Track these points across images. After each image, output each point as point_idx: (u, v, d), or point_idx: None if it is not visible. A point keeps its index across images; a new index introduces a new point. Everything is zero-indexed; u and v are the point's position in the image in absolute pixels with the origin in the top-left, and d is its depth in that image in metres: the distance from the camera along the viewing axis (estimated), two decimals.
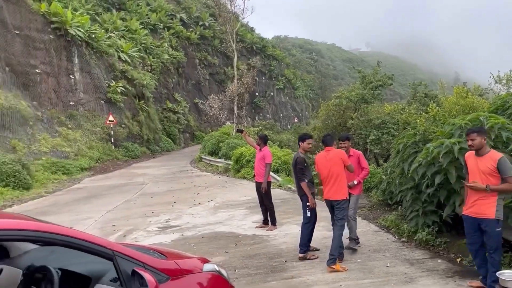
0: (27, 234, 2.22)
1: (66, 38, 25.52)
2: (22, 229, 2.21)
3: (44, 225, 2.32)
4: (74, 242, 2.35)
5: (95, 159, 23.35)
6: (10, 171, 15.09)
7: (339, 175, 5.92)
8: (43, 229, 2.27)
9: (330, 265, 5.68)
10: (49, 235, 2.26)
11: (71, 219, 10.24)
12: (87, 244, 2.39)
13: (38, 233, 2.24)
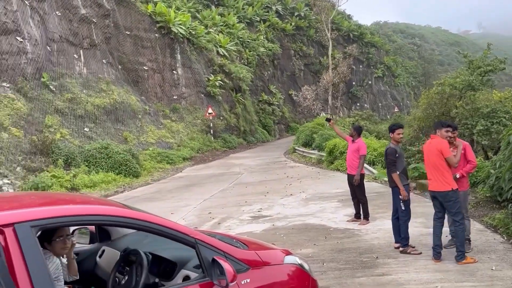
0: (120, 220, 2.42)
1: (170, 36, 27.28)
2: (116, 216, 2.41)
3: (136, 212, 2.51)
4: (160, 229, 2.50)
5: (195, 149, 24.71)
6: (122, 160, 16.65)
7: (438, 165, 5.55)
8: (134, 216, 2.45)
9: (460, 261, 5.47)
10: (139, 222, 2.44)
11: (172, 205, 11.00)
12: (172, 231, 2.54)
13: (130, 220, 2.43)
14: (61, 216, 2.17)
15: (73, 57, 20.43)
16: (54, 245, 2.71)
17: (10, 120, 15.23)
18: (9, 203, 2.46)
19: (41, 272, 1.94)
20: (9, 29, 16.94)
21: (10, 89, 16.46)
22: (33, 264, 1.92)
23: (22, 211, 2.11)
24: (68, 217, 2.20)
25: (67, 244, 2.77)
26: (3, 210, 2.17)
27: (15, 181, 13.45)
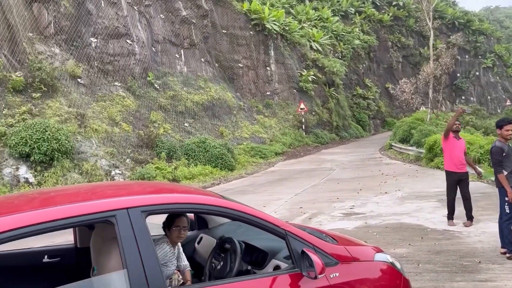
0: (217, 209, 2.61)
1: (264, 33, 27.82)
2: (214, 205, 2.60)
3: (231, 203, 2.68)
4: (253, 219, 2.64)
5: (287, 144, 24.96)
6: (218, 154, 17.46)
7: None
8: (230, 207, 2.62)
9: None
10: (234, 212, 2.60)
11: (265, 198, 11.30)
12: (263, 222, 2.66)
13: (226, 210, 2.60)
14: (166, 203, 2.42)
15: (175, 56, 21.85)
16: (172, 232, 3.04)
17: (121, 116, 16.82)
18: (122, 190, 2.79)
19: (150, 251, 2.18)
20: (121, 33, 18.65)
21: (121, 87, 18.16)
22: (143, 244, 2.17)
23: (134, 197, 2.39)
24: (172, 204, 2.45)
25: (182, 234, 3.07)
26: (117, 196, 2.47)
27: (125, 172, 14.84)
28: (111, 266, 2.35)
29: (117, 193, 2.53)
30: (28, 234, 1.94)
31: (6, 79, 13.79)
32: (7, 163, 12.13)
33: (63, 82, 15.68)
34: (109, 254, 2.40)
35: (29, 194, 2.79)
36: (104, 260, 2.48)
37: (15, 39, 14.70)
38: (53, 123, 13.14)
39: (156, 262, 2.19)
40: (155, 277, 2.14)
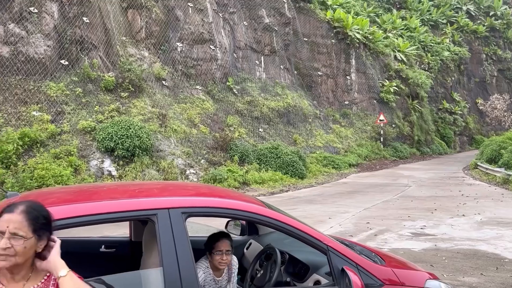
0: (257, 217, 2.63)
1: (346, 42, 27.36)
2: (254, 213, 2.63)
3: (273, 212, 2.68)
4: (293, 231, 2.63)
5: (363, 156, 24.24)
6: (290, 161, 17.47)
7: None
8: (270, 216, 2.63)
9: None
10: (274, 221, 2.61)
11: (332, 210, 11.09)
12: (305, 235, 2.63)
13: (266, 218, 2.61)
14: (205, 207, 2.49)
15: (255, 63, 22.29)
16: (213, 257, 2.88)
17: (199, 118, 17.53)
18: (166, 191, 2.92)
19: (186, 253, 2.26)
20: (205, 39, 19.47)
21: (202, 91, 18.93)
22: (180, 245, 2.25)
23: (176, 198, 2.50)
24: (212, 208, 2.52)
25: (224, 259, 2.88)
26: (160, 196, 2.60)
27: (199, 172, 15.43)
28: (151, 263, 2.47)
29: (161, 193, 2.66)
30: (74, 225, 2.11)
31: (100, 78, 15.04)
32: (94, 156, 13.20)
33: (149, 83, 16.74)
34: (151, 251, 2.52)
35: (83, 187, 3.03)
36: (147, 256, 2.62)
37: (110, 42, 15.99)
38: (136, 122, 14.06)
39: (191, 264, 2.26)
40: (190, 278, 2.21)
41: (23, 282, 1.72)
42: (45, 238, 1.73)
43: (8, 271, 1.68)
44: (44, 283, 1.75)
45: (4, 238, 1.61)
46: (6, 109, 12.62)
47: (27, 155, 11.92)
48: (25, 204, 1.72)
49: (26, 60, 13.38)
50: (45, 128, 12.67)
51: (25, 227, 1.64)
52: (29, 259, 1.70)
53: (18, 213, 1.66)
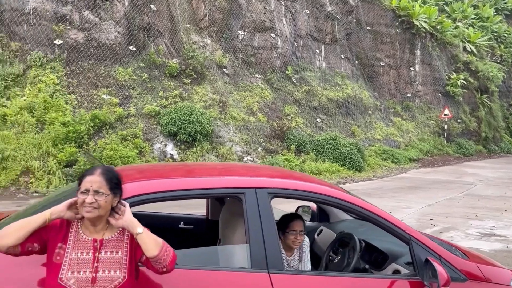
0: (342, 203, 2.62)
1: (411, 31, 26.25)
2: (339, 198, 2.61)
3: (357, 199, 2.66)
4: (377, 219, 2.59)
5: (424, 151, 23.30)
6: (347, 153, 17.17)
7: None
8: (355, 203, 2.61)
9: None
10: (359, 208, 2.59)
11: (392, 204, 10.79)
12: (388, 223, 2.58)
13: (351, 205, 2.60)
14: (291, 189, 2.51)
15: (315, 52, 22.00)
16: (287, 237, 2.98)
17: (257, 107, 17.64)
18: (252, 171, 2.97)
19: (272, 231, 2.30)
20: (266, 27, 19.47)
21: (261, 79, 19.00)
22: (266, 223, 2.30)
23: (263, 179, 2.54)
24: (297, 191, 2.53)
25: (298, 239, 3.00)
26: (247, 175, 2.65)
27: (256, 159, 15.58)
28: (236, 239, 2.53)
29: (248, 173, 2.71)
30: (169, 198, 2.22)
31: (165, 64, 15.53)
32: (158, 139, 13.72)
33: (210, 70, 17.06)
34: (234, 228, 2.59)
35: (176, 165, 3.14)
36: (230, 233, 2.69)
37: (175, 30, 16.44)
38: (198, 108, 14.41)
39: (276, 242, 2.30)
40: (274, 255, 2.25)
41: (103, 232, 2.07)
42: (118, 196, 2.08)
43: (91, 223, 2.04)
44: (120, 233, 2.09)
45: (90, 195, 1.97)
46: (80, 92, 13.39)
47: (97, 136, 12.61)
48: (101, 168, 2.10)
49: (98, 46, 14.08)
50: (114, 111, 13.31)
51: (104, 186, 2.01)
52: (107, 212, 2.05)
53: (98, 175, 2.03)
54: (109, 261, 1.99)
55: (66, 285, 1.92)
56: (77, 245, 2.01)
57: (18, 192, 10.23)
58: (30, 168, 10.85)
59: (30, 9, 13.30)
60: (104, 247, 2.02)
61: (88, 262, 1.97)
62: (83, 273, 1.94)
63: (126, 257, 2.02)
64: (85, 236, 2.03)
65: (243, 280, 2.28)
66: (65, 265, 1.96)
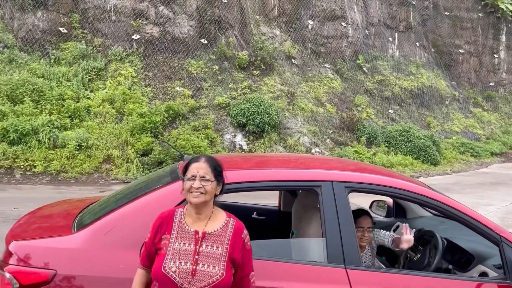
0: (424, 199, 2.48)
1: (496, 15, 24.28)
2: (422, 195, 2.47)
3: (442, 196, 2.51)
4: (463, 217, 2.42)
5: (508, 145, 21.56)
6: (422, 146, 16.37)
7: None
8: (440, 199, 2.46)
9: None
10: (444, 206, 2.43)
11: (471, 201, 10.12)
12: (475, 222, 2.41)
13: (434, 202, 2.45)
14: (369, 183, 2.42)
15: (388, 40, 21.12)
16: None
17: (326, 97, 17.35)
18: (327, 164, 2.91)
19: (349, 226, 2.24)
20: (336, 16, 19.02)
21: (330, 69, 18.64)
22: (343, 218, 2.24)
23: (339, 172, 2.48)
24: (375, 185, 2.44)
25: (366, 236, 2.92)
26: (323, 168, 2.59)
27: (324, 151, 15.37)
28: (310, 233, 2.50)
29: (323, 166, 2.66)
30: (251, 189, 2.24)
31: (235, 57, 15.75)
32: (228, 130, 14.00)
33: (279, 61, 17.03)
34: (309, 222, 2.56)
35: (250, 156, 3.17)
36: (304, 226, 2.66)
37: (244, 22, 16.59)
38: (266, 99, 14.48)
39: (354, 237, 2.23)
40: (352, 251, 2.19)
41: (206, 221, 2.09)
42: (221, 184, 2.12)
43: (195, 210, 2.08)
44: (223, 229, 2.08)
45: (197, 180, 2.03)
46: (155, 84, 14.02)
47: (171, 126, 13.14)
48: (206, 156, 2.17)
49: (172, 40, 14.61)
50: (186, 103, 13.77)
51: (209, 172, 2.06)
52: (211, 199, 2.09)
53: (203, 162, 2.10)
54: (209, 255, 2.00)
55: (168, 274, 1.96)
56: (180, 235, 2.05)
57: (101, 179, 10.98)
58: (111, 156, 11.58)
59: (111, 7, 14.11)
60: (205, 240, 2.03)
61: (189, 254, 2.00)
62: (184, 264, 1.97)
63: (225, 254, 2.01)
64: (188, 227, 2.06)
65: (319, 274, 2.25)
66: (169, 255, 2.00)
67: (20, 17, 13.62)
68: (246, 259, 2.08)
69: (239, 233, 2.08)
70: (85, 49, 13.62)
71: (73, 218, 2.62)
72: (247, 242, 2.10)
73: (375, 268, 2.67)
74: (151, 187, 2.57)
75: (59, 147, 11.09)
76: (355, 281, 2.19)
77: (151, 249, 2.07)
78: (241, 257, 2.04)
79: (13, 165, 10.54)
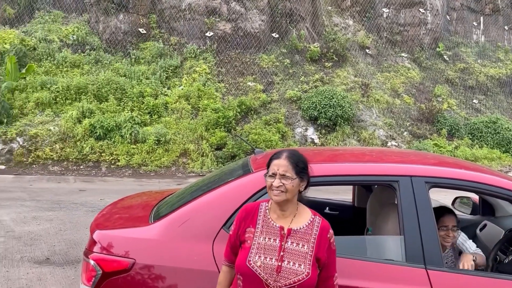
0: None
1: None
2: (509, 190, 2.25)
3: None
4: None
5: None
6: (511, 138, 15.05)
7: None
8: None
9: None
10: None
11: None
12: None
13: None
14: (452, 178, 2.24)
15: (472, 25, 19.62)
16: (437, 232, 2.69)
17: (403, 88, 16.55)
18: (405, 158, 2.74)
19: (430, 224, 2.09)
20: (414, 2, 18.03)
21: (407, 58, 17.74)
22: (423, 215, 2.09)
23: (419, 166, 2.32)
24: (459, 181, 2.25)
25: (450, 235, 2.73)
26: (400, 162, 2.44)
27: (401, 144, 14.71)
28: (387, 230, 2.38)
29: (401, 160, 2.51)
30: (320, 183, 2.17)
31: (306, 49, 15.59)
32: (299, 124, 13.91)
33: (352, 52, 16.55)
34: (386, 219, 2.43)
35: (322, 149, 3.09)
36: (381, 223, 2.53)
37: (316, 13, 16.33)
38: (339, 91, 14.15)
39: (435, 236, 2.08)
40: (433, 250, 2.05)
41: (291, 218, 2.03)
42: (305, 180, 2.03)
43: (279, 207, 2.02)
44: (308, 227, 2.01)
45: (277, 178, 1.97)
46: (228, 80, 14.31)
47: (243, 121, 13.35)
48: (288, 151, 2.06)
49: (244, 35, 14.80)
50: (258, 97, 13.90)
51: (290, 170, 1.98)
52: (294, 197, 2.02)
53: (284, 159, 2.01)
54: (295, 253, 1.94)
55: (253, 268, 1.93)
56: (265, 229, 2.00)
57: (178, 172, 11.46)
58: (187, 150, 12.05)
59: (185, 5, 14.62)
60: (291, 237, 1.97)
61: (274, 250, 1.95)
62: (269, 260, 1.93)
63: (311, 253, 1.95)
64: (273, 221, 2.01)
65: (396, 273, 2.13)
66: (253, 249, 1.97)
67: (104, 20, 14.59)
68: (331, 259, 2.00)
69: (325, 233, 2.00)
70: (162, 48, 14.26)
71: (151, 209, 2.73)
72: (332, 242, 2.01)
73: (460, 270, 2.47)
74: (223, 180, 2.59)
75: (140, 142, 11.75)
76: (437, 282, 2.04)
77: (235, 242, 2.05)
78: (327, 258, 1.97)
79: (99, 159, 11.37)
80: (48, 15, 14.69)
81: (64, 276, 4.72)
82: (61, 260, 5.17)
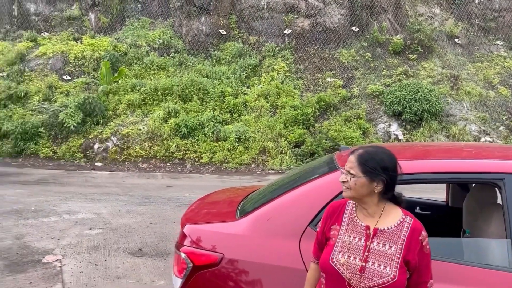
0: None
1: None
2: None
3: None
4: None
5: None
6: None
7: None
8: None
9: None
10: None
11: None
12: None
13: None
14: None
15: None
16: None
17: (499, 79, 15.20)
18: (508, 153, 2.49)
19: None
20: None
21: (503, 46, 16.27)
22: None
23: None
24: None
25: None
26: (504, 158, 2.22)
27: (496, 140, 13.53)
28: (490, 233, 2.18)
29: (504, 156, 2.28)
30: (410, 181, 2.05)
31: (388, 42, 14.95)
32: (382, 120, 13.39)
33: (439, 43, 15.55)
34: (488, 220, 2.23)
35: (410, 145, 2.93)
36: (481, 225, 2.33)
37: (399, 3, 15.58)
38: (425, 84, 13.38)
39: None
40: None
41: (376, 219, 1.93)
42: (381, 182, 1.88)
43: (359, 205, 1.96)
44: (397, 227, 1.90)
45: (343, 174, 1.95)
46: (306, 77, 14.20)
47: (322, 118, 13.17)
48: (363, 149, 1.97)
49: (322, 30, 14.59)
50: (337, 93, 13.62)
51: (355, 167, 1.90)
52: (367, 197, 1.91)
53: (354, 156, 1.95)
54: (381, 254, 1.85)
55: (335, 266, 1.88)
56: (350, 228, 1.94)
57: (257, 169, 11.63)
58: (266, 148, 12.17)
59: (264, 4, 14.76)
60: (377, 237, 1.88)
61: (359, 249, 1.88)
62: (353, 259, 1.87)
63: (399, 255, 1.84)
64: (359, 220, 1.95)
65: (501, 280, 1.94)
66: (337, 247, 1.92)
67: (187, 24, 15.23)
68: (424, 263, 1.87)
69: (416, 234, 1.87)
70: (242, 48, 14.54)
71: (236, 205, 2.78)
72: (425, 245, 1.88)
73: None
74: (308, 177, 2.56)
75: (221, 140, 12.11)
76: None
77: (321, 239, 2.02)
78: (418, 261, 1.85)
79: (184, 156, 11.91)
80: (137, 22, 15.69)
81: (155, 267, 5.00)
82: (152, 251, 5.48)
